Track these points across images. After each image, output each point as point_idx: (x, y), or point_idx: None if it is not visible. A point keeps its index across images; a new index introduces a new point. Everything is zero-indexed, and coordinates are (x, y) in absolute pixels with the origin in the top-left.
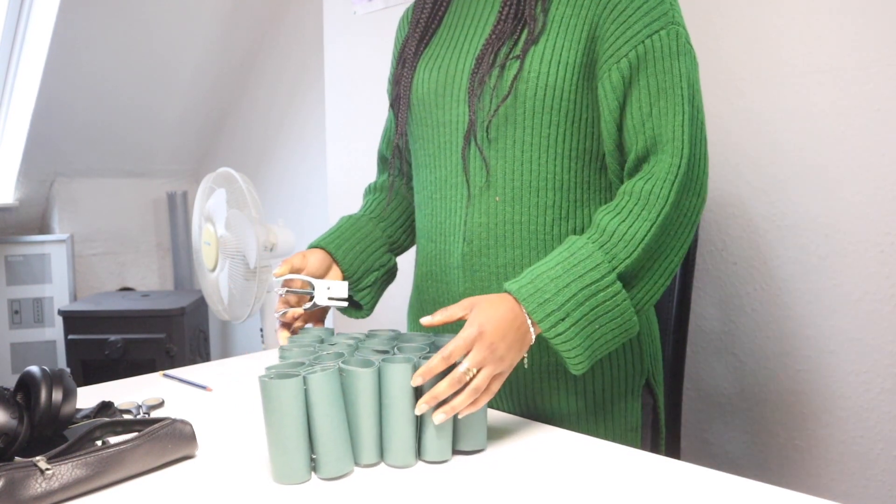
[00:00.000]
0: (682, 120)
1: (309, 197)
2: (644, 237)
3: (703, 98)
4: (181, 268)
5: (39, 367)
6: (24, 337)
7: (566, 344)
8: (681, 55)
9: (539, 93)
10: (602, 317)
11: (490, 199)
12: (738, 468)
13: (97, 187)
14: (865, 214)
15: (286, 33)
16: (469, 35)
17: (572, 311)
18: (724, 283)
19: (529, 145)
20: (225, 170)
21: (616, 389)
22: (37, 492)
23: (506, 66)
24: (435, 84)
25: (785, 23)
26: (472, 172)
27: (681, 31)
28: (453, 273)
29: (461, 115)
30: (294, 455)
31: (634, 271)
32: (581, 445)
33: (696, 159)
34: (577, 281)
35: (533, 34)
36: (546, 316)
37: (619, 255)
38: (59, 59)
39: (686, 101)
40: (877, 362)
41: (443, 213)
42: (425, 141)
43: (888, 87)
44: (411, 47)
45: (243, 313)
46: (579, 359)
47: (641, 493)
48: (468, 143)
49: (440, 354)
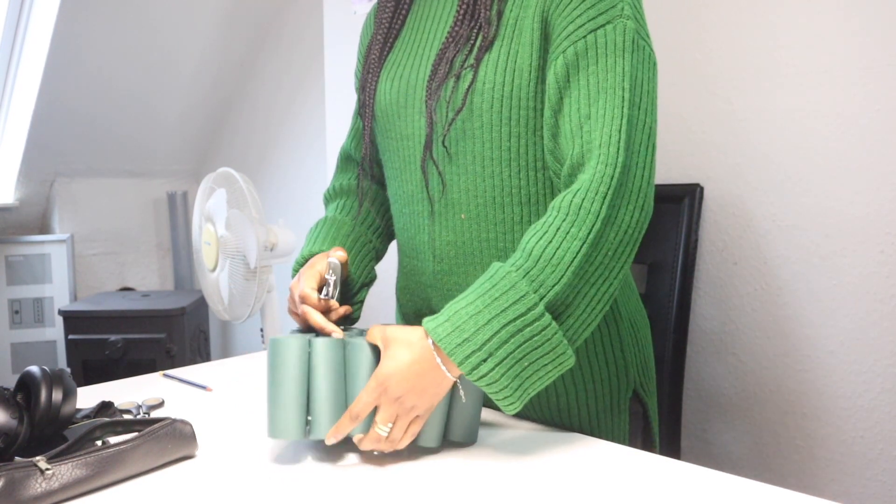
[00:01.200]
0: (620, 124)
1: (309, 197)
2: (573, 259)
3: (702, 98)
4: (181, 268)
5: (39, 367)
6: (24, 337)
7: (492, 385)
8: (626, 52)
9: (496, 105)
10: (530, 353)
11: (455, 215)
12: (738, 468)
13: (97, 187)
14: (865, 214)
15: (286, 33)
16: (429, 38)
17: (495, 350)
18: (724, 283)
19: (490, 160)
20: (225, 170)
21: (600, 406)
22: (37, 492)
23: (461, 77)
24: (396, 95)
25: (784, 22)
26: (432, 187)
27: (629, 25)
28: (426, 290)
29: (422, 128)
30: (290, 411)
31: (565, 298)
32: (581, 445)
33: (633, 168)
34: (500, 316)
35: (487, 39)
36: (466, 358)
37: (547, 281)
38: (59, 60)
39: (626, 103)
40: (877, 362)
41: (412, 228)
42: (391, 153)
43: (888, 87)
44: (375, 52)
45: (243, 313)
46: (509, 399)
47: (641, 493)
48: (426, 156)
49: (348, 414)
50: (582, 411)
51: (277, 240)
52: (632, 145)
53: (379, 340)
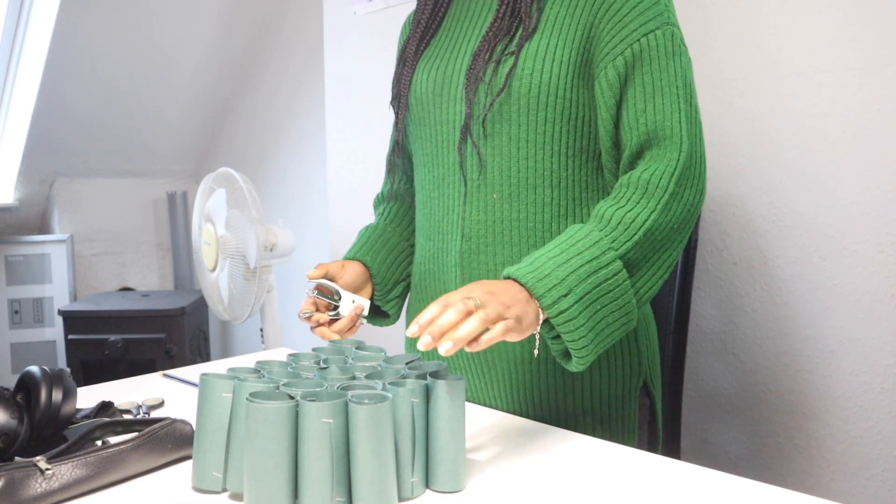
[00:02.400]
0: (680, 116)
1: (309, 197)
2: (644, 222)
3: (703, 98)
4: (181, 268)
5: (39, 367)
6: (24, 337)
7: (570, 324)
8: (676, 55)
9: (533, 90)
10: (605, 296)
11: (487, 195)
12: (738, 468)
13: (97, 187)
14: (865, 214)
15: (286, 33)
16: (466, 35)
17: (575, 286)
18: (724, 283)
19: (525, 142)
20: (225, 170)
21: (613, 391)
22: (37, 492)
23: (501, 62)
24: (433, 83)
25: (785, 22)
26: (468, 168)
27: (676, 32)
28: (450, 272)
29: (458, 113)
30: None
31: (635, 256)
32: (581, 445)
33: (695, 155)
34: (577, 258)
35: (527, 31)
36: (547, 291)
37: (620, 238)
38: (59, 60)
39: (682, 99)
40: (877, 362)
41: (440, 211)
42: (423, 140)
43: (888, 87)
44: (412, 48)
45: (243, 313)
46: (584, 342)
47: (641, 493)
48: (464, 137)
49: (438, 302)
50: (595, 396)
51: (277, 240)
52: (692, 135)
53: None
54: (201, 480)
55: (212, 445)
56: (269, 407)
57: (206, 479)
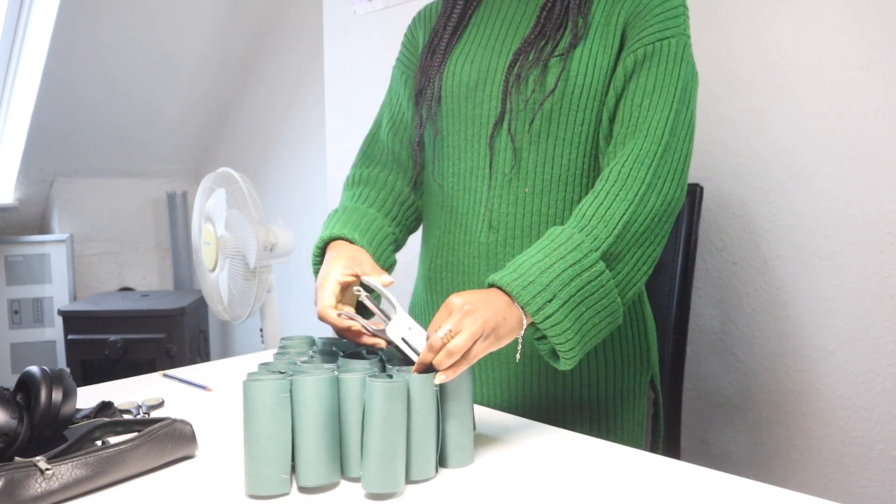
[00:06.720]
0: (669, 115)
1: (309, 197)
2: (622, 216)
3: (704, 98)
4: (181, 268)
5: (39, 367)
6: (24, 337)
7: (557, 328)
8: (682, 63)
9: (577, 91)
10: (589, 297)
11: (518, 189)
12: (738, 468)
13: (97, 187)
14: (865, 214)
15: (286, 33)
16: (501, 35)
17: (559, 291)
18: (724, 283)
19: (562, 140)
20: (225, 170)
21: (625, 385)
22: (37, 492)
23: (549, 64)
24: (468, 78)
25: (785, 23)
26: (496, 161)
27: (688, 43)
28: (474, 262)
29: (493, 109)
30: (267, 466)
31: (616, 251)
32: (581, 445)
33: (676, 150)
34: (560, 262)
35: (576, 38)
36: (532, 298)
37: (600, 234)
38: (59, 60)
39: (676, 100)
40: (877, 362)
41: (466, 204)
42: (451, 133)
43: (888, 87)
44: (443, 40)
45: (243, 313)
46: (570, 344)
47: (641, 493)
48: (496, 131)
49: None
50: (609, 387)
51: (277, 240)
52: (675, 132)
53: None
54: (263, 486)
55: (275, 450)
56: (384, 383)
57: (272, 484)
